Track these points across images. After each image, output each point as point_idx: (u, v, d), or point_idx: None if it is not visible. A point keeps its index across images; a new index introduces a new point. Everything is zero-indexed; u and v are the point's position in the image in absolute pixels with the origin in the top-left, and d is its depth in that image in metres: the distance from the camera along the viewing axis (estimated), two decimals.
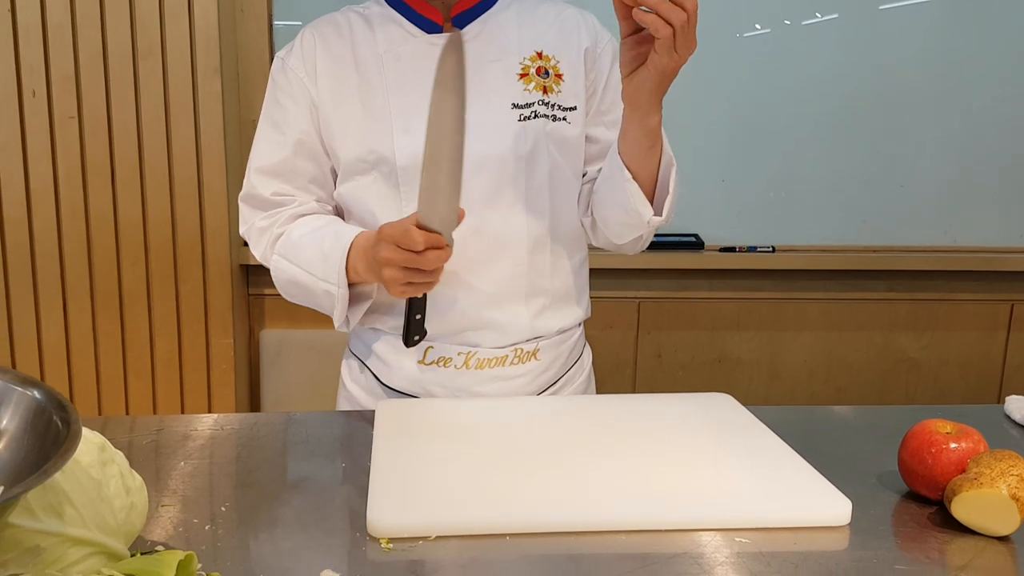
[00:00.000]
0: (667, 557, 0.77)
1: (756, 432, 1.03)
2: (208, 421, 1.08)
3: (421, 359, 1.19)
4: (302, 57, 1.17)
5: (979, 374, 2.46)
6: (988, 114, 2.30)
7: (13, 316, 2.08)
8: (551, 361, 1.24)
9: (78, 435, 0.62)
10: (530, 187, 1.16)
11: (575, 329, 1.28)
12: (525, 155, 1.15)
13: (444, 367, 1.19)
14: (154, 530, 0.81)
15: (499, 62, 1.16)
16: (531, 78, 1.16)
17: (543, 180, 1.17)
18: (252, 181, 1.21)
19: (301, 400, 2.30)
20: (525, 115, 1.15)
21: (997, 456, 0.83)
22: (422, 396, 1.20)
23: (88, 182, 2.04)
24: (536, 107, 1.15)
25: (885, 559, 0.78)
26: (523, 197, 1.16)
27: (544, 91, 1.16)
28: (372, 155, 1.14)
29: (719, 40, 2.21)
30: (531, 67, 1.16)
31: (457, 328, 1.18)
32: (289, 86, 1.17)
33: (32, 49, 1.96)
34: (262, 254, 1.22)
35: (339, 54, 1.16)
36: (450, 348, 1.18)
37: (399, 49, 1.15)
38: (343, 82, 1.16)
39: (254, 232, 1.22)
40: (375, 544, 0.79)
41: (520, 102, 1.15)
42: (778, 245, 2.33)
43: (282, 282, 1.21)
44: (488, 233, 1.15)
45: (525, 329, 1.20)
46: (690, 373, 2.39)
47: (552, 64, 1.17)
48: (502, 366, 1.19)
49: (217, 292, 2.12)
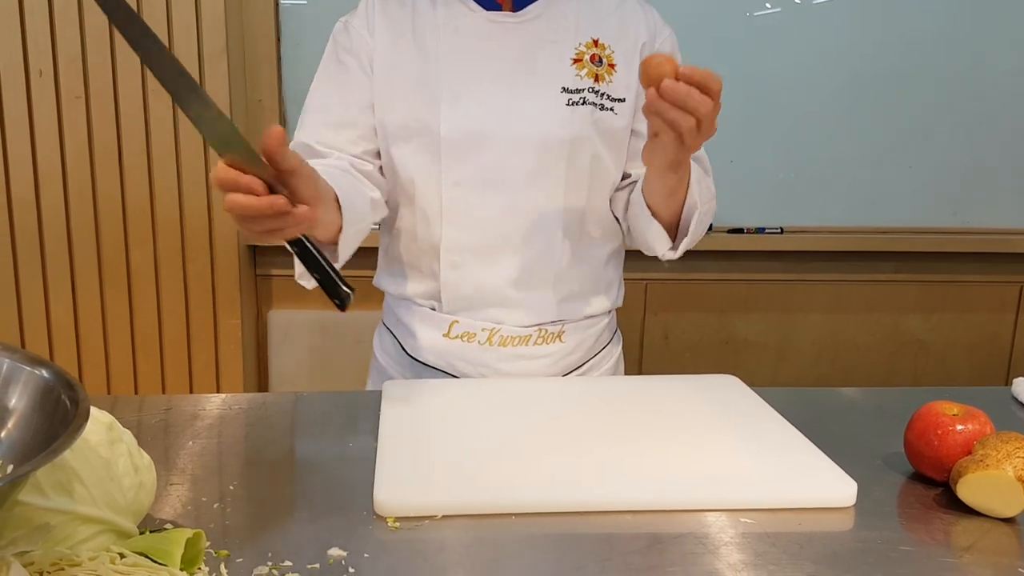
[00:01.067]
0: (672, 537, 0.78)
1: (762, 413, 1.03)
2: (216, 401, 1.08)
3: (446, 332, 1.20)
4: (364, 17, 1.18)
5: (987, 356, 2.45)
6: (998, 95, 2.28)
7: (22, 297, 2.09)
8: (576, 344, 1.24)
9: (86, 414, 0.62)
10: (570, 172, 1.16)
11: (603, 316, 1.29)
12: (569, 140, 1.14)
13: (468, 342, 1.20)
14: (163, 509, 0.82)
15: (554, 44, 1.16)
16: (584, 64, 1.16)
17: (584, 167, 1.17)
18: (306, 129, 1.18)
19: (308, 380, 2.31)
20: (574, 100, 1.15)
21: (1003, 438, 0.83)
22: (446, 369, 1.22)
23: (95, 162, 2.04)
24: (586, 94, 1.15)
25: (890, 540, 0.78)
26: (562, 181, 1.16)
27: (596, 79, 1.16)
28: (417, 123, 1.14)
29: (729, 20, 2.20)
30: (585, 53, 1.16)
31: (483, 304, 1.19)
32: (351, 44, 1.17)
33: (39, 29, 1.96)
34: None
35: (398, 19, 1.17)
36: (474, 323, 1.19)
37: (458, 22, 1.15)
38: (399, 48, 1.16)
39: None
40: (382, 523, 0.79)
41: (570, 87, 1.15)
42: (786, 226, 2.32)
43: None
44: (524, 213, 1.16)
45: (550, 311, 1.21)
46: (697, 355, 2.39)
47: (607, 53, 1.17)
48: (525, 345, 1.20)
49: (225, 273, 2.12)
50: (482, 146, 1.13)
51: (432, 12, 1.16)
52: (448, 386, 1.12)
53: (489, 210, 1.15)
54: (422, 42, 1.15)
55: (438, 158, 1.14)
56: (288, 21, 2.15)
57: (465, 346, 1.20)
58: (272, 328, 2.30)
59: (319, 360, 2.30)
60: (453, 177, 1.15)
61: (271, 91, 2.17)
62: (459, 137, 1.13)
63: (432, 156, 1.15)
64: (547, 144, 1.14)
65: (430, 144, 1.14)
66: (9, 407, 0.68)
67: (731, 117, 2.24)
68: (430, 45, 1.15)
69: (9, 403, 0.68)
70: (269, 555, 0.73)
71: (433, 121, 1.13)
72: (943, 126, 2.29)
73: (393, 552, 0.75)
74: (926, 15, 2.22)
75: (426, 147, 1.15)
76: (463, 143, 1.13)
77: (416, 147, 1.16)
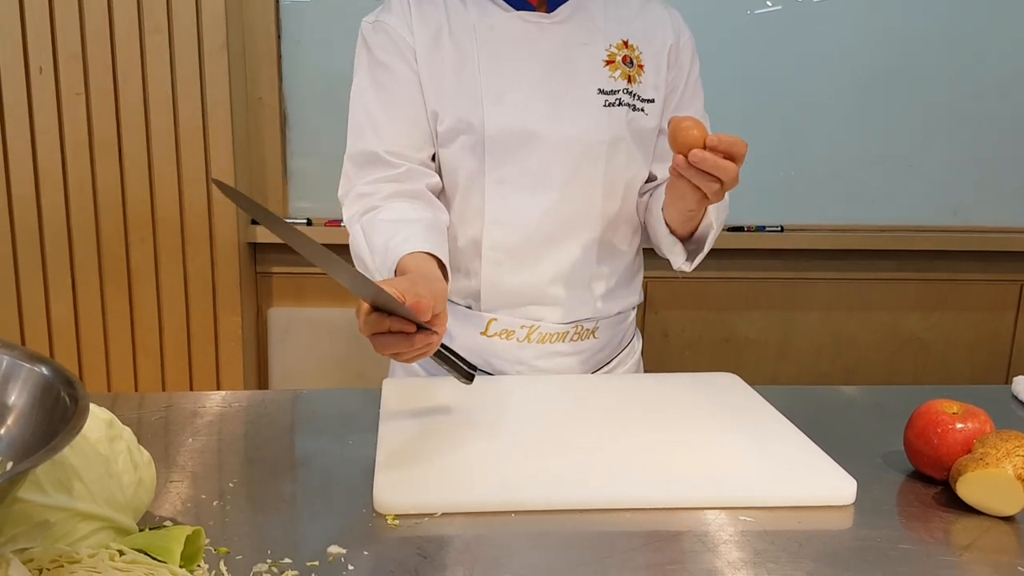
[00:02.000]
0: (671, 535, 0.78)
1: (761, 412, 1.03)
2: (216, 398, 1.08)
3: (484, 331, 1.21)
4: (400, 15, 1.15)
5: (987, 354, 2.45)
6: (999, 94, 2.28)
7: (22, 294, 2.09)
8: (607, 340, 1.26)
9: (86, 411, 0.62)
10: (608, 172, 1.17)
11: (630, 312, 1.31)
12: (607, 140, 1.16)
13: (507, 339, 1.21)
14: (163, 506, 0.82)
15: (587, 46, 1.16)
16: (617, 65, 1.17)
17: (621, 166, 1.18)
18: (366, 138, 1.15)
19: (309, 378, 2.31)
20: (610, 101, 1.16)
21: (1003, 436, 0.83)
22: (483, 367, 1.22)
23: (95, 159, 2.03)
24: (621, 95, 1.16)
25: (889, 538, 0.78)
26: (601, 182, 1.17)
27: (628, 80, 1.17)
28: (461, 124, 1.14)
29: (730, 18, 2.19)
30: (617, 55, 1.17)
31: (522, 302, 1.20)
32: (392, 44, 1.15)
33: (39, 25, 1.95)
34: (349, 218, 1.17)
35: (433, 18, 1.15)
36: (513, 321, 1.20)
37: (492, 21, 1.15)
38: (438, 49, 1.15)
39: (352, 195, 1.16)
40: (381, 520, 0.79)
41: (606, 88, 1.16)
42: (787, 225, 2.31)
43: (352, 250, 1.16)
44: (564, 213, 1.17)
45: (587, 308, 1.22)
46: (697, 353, 2.39)
47: (636, 54, 1.18)
48: (562, 342, 1.22)
49: (225, 270, 2.12)
50: (526, 146, 1.14)
51: (464, 11, 1.16)
52: (447, 384, 1.12)
53: (531, 210, 1.16)
54: (459, 43, 1.15)
55: (482, 157, 1.14)
56: (288, 18, 2.15)
57: (503, 343, 1.21)
58: (272, 325, 2.30)
59: (319, 358, 2.30)
60: (497, 176, 1.15)
61: (271, 88, 2.16)
62: (504, 137, 1.13)
63: (476, 156, 1.15)
64: (587, 146, 1.15)
65: (475, 144, 1.14)
66: (8, 404, 0.68)
67: (731, 116, 2.26)
68: (467, 46, 1.14)
69: (8, 400, 0.68)
70: (268, 552, 0.73)
71: (477, 121, 1.13)
72: (944, 124, 2.29)
73: (392, 549, 0.75)
74: (927, 14, 2.22)
75: (471, 147, 1.15)
76: (508, 142, 1.14)
77: (460, 147, 1.15)
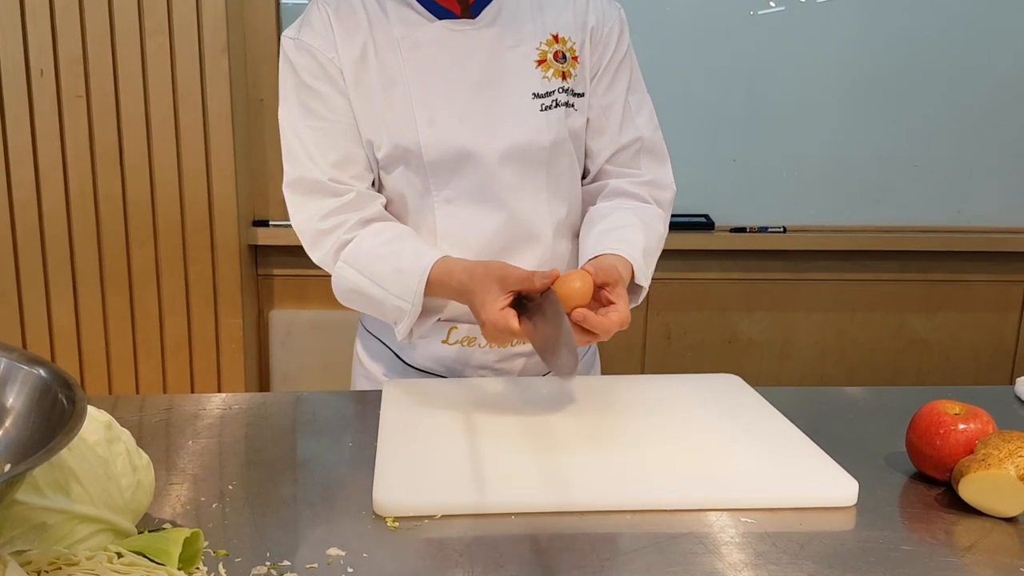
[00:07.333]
0: (673, 536, 0.77)
1: (764, 413, 1.03)
2: (217, 400, 1.08)
3: (445, 339, 1.19)
4: (323, 32, 1.09)
5: (991, 355, 2.44)
6: (1003, 94, 2.27)
7: (24, 297, 2.09)
8: None
9: (83, 413, 0.62)
10: (551, 176, 1.15)
11: None
12: (548, 145, 1.12)
13: (468, 346, 1.19)
14: (163, 508, 0.81)
15: (516, 48, 1.12)
16: (549, 64, 1.13)
17: (564, 168, 1.16)
18: (304, 165, 1.11)
19: (309, 380, 2.30)
20: (546, 104, 1.12)
21: (1005, 437, 0.83)
22: (445, 374, 1.21)
23: (96, 162, 2.04)
24: (556, 95, 1.13)
25: (891, 540, 0.78)
26: (546, 187, 1.15)
27: (563, 77, 1.13)
28: (398, 150, 1.10)
29: (732, 18, 2.19)
30: (548, 52, 1.13)
31: None
32: (318, 67, 1.09)
33: (39, 28, 1.95)
34: (321, 258, 1.12)
35: (356, 34, 1.10)
36: (474, 328, 1.18)
37: (416, 35, 1.10)
38: (364, 69, 1.10)
39: (312, 232, 1.12)
40: (381, 522, 0.79)
41: (540, 91, 1.12)
42: (789, 225, 2.31)
43: (344, 290, 1.12)
44: (517, 223, 1.14)
45: None
46: (700, 354, 2.39)
47: (568, 47, 1.14)
48: (523, 343, 1.19)
49: (226, 272, 2.12)
50: (467, 165, 1.10)
51: (386, 22, 1.10)
52: (447, 386, 1.12)
53: (482, 224, 1.13)
54: (384, 59, 1.10)
55: (426, 178, 1.12)
56: (289, 19, 2.15)
57: (465, 350, 1.19)
58: (273, 328, 2.30)
59: (320, 360, 2.30)
60: (444, 196, 1.12)
61: (272, 90, 2.16)
62: (443, 160, 1.10)
63: (420, 176, 1.12)
64: (528, 153, 1.12)
65: (417, 167, 1.11)
66: (6, 406, 0.68)
67: (734, 116, 2.26)
68: (393, 63, 1.10)
69: (6, 402, 0.68)
70: (268, 554, 0.73)
71: (413, 146, 1.09)
72: (948, 125, 2.29)
73: (392, 552, 0.74)
74: (931, 14, 2.21)
75: (414, 170, 1.12)
76: (448, 164, 1.10)
77: (402, 171, 1.12)
